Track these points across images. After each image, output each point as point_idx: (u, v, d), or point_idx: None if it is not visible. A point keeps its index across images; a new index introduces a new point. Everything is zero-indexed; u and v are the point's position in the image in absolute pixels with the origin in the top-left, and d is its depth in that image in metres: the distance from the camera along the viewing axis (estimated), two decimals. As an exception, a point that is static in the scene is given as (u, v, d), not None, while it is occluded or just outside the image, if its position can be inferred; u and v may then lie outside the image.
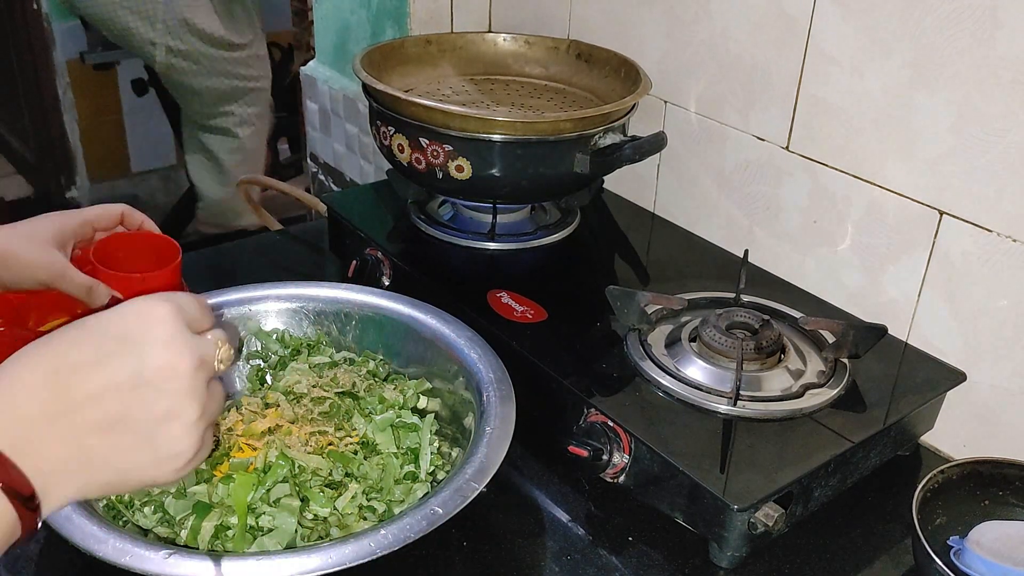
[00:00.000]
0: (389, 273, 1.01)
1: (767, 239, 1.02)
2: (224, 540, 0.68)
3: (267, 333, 0.87)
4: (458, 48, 1.18)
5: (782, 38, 0.94)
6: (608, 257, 1.08)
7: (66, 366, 0.47)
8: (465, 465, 0.69)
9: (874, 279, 0.92)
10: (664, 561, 0.74)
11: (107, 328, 0.48)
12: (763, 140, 0.99)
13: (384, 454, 0.76)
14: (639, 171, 1.14)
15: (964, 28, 0.79)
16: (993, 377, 0.84)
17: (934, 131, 0.83)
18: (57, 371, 0.47)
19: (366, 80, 0.98)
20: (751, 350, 0.81)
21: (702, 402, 0.78)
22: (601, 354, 0.85)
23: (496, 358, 0.80)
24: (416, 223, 1.06)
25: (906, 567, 0.75)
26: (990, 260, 0.82)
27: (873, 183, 0.90)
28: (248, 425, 0.78)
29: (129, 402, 0.47)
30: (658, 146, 0.95)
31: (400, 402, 0.81)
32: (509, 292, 0.92)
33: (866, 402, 0.81)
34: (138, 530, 0.70)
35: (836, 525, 0.78)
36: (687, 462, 0.71)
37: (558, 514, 0.79)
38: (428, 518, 0.64)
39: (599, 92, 1.12)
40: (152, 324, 0.49)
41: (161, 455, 0.49)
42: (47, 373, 0.47)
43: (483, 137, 0.92)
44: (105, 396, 0.47)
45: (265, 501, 0.69)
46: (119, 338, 0.48)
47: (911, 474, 0.85)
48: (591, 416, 0.78)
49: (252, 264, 1.18)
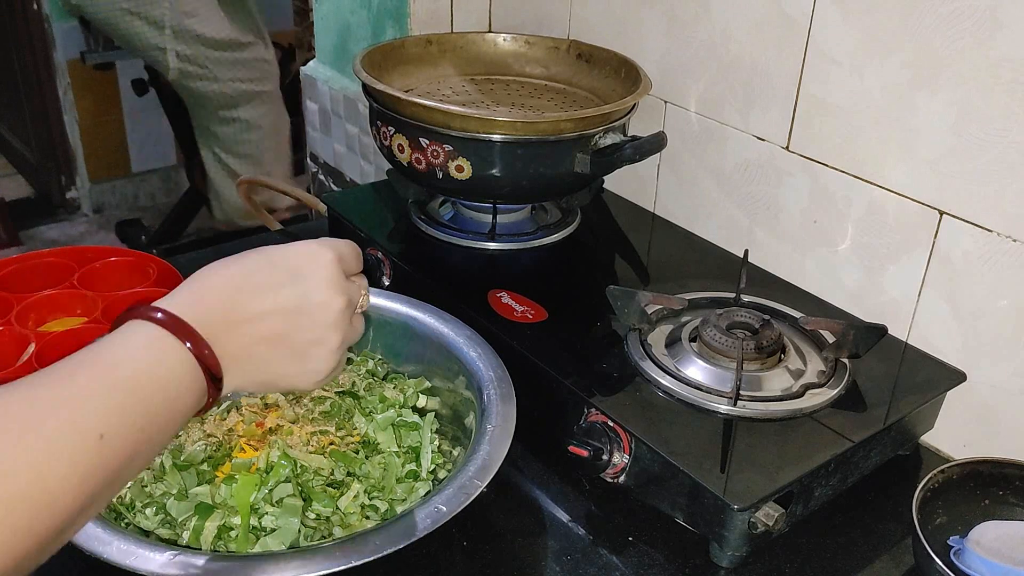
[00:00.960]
0: (389, 273, 1.01)
1: (767, 239, 1.02)
2: (227, 540, 0.68)
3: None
4: (458, 48, 1.18)
5: (782, 38, 0.94)
6: (608, 257, 1.08)
7: (248, 286, 0.56)
8: (467, 463, 0.69)
9: (874, 279, 0.92)
10: (664, 561, 0.74)
11: (283, 261, 0.58)
12: (763, 140, 0.99)
13: (385, 453, 0.76)
14: (639, 171, 1.14)
15: (964, 28, 0.79)
16: (993, 377, 0.84)
17: (934, 131, 0.84)
18: (239, 289, 0.56)
19: (366, 80, 0.98)
20: (751, 350, 0.82)
21: (702, 402, 0.78)
22: (601, 354, 0.85)
23: (496, 357, 0.80)
24: (416, 223, 1.06)
25: (906, 567, 0.75)
26: (990, 260, 0.82)
27: (873, 183, 0.90)
28: (249, 426, 0.78)
29: (291, 325, 0.58)
30: (658, 146, 0.95)
31: (401, 401, 0.81)
32: (509, 292, 0.92)
33: (866, 402, 0.81)
34: (139, 531, 0.70)
35: (836, 525, 0.78)
36: (687, 462, 0.71)
37: (558, 514, 0.79)
38: (432, 516, 0.64)
39: (599, 92, 1.12)
40: (318, 265, 0.59)
41: (307, 369, 0.60)
42: (232, 289, 0.56)
43: (483, 137, 0.93)
44: (274, 316, 0.57)
45: (268, 501, 0.70)
46: (291, 272, 0.58)
47: (911, 474, 0.85)
48: (591, 416, 0.78)
49: (252, 264, 1.18)
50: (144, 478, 0.73)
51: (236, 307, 0.56)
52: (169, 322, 0.52)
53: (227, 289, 0.56)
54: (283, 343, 0.58)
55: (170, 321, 0.52)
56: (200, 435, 0.78)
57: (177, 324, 0.52)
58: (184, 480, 0.73)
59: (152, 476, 0.74)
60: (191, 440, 0.77)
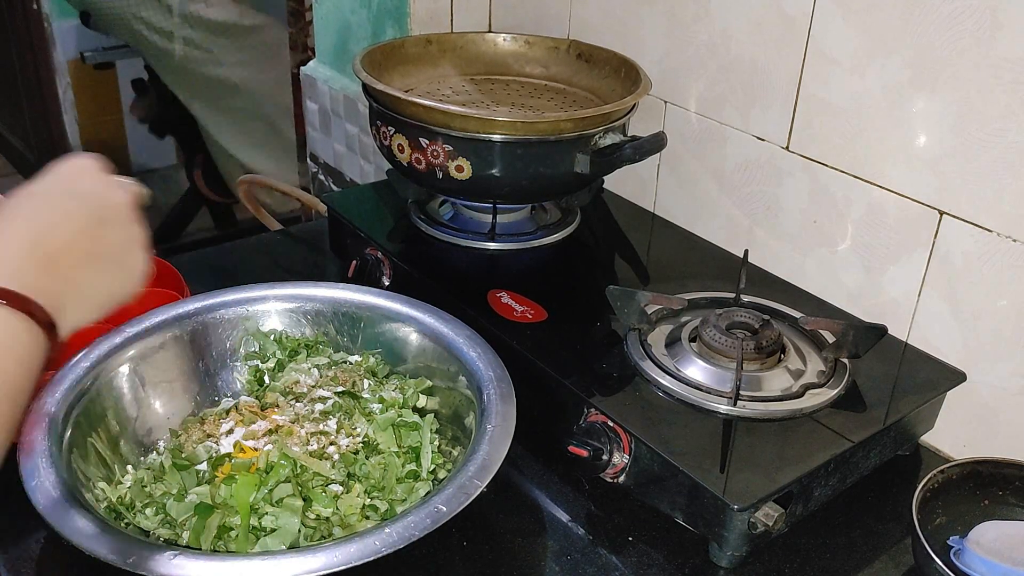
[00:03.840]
0: (389, 273, 1.01)
1: (767, 239, 1.02)
2: (227, 541, 0.68)
3: (266, 334, 0.87)
4: (458, 48, 1.18)
5: (782, 38, 0.94)
6: (608, 257, 1.08)
7: (40, 229, 0.57)
8: (467, 463, 0.69)
9: (874, 279, 0.92)
10: (664, 561, 0.74)
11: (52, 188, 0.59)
12: (763, 140, 0.99)
13: (385, 453, 0.76)
14: (639, 171, 1.14)
15: (964, 28, 0.79)
16: (993, 377, 0.84)
17: (934, 131, 0.84)
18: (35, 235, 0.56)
19: (366, 80, 0.98)
20: (751, 350, 0.82)
21: (702, 402, 0.78)
22: (601, 354, 0.85)
23: (496, 356, 0.80)
24: (416, 223, 1.06)
25: (906, 567, 0.75)
26: (990, 260, 0.82)
27: (873, 183, 0.90)
28: (249, 426, 0.78)
29: (94, 240, 0.58)
30: (658, 146, 0.95)
31: (401, 401, 0.81)
32: (509, 292, 0.92)
33: (866, 402, 0.81)
34: (139, 531, 0.70)
35: (836, 525, 0.78)
36: (687, 462, 0.71)
37: (558, 514, 0.79)
38: (432, 516, 0.64)
39: (599, 92, 1.12)
40: (85, 171, 0.61)
41: (129, 271, 0.61)
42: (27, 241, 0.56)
43: (483, 137, 0.93)
44: (78, 240, 0.58)
45: (268, 501, 0.69)
46: (67, 191, 0.59)
47: (911, 474, 0.85)
48: (591, 416, 0.78)
49: (252, 264, 1.18)
50: (144, 478, 0.73)
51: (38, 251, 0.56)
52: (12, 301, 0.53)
53: (23, 244, 0.56)
54: (98, 257, 0.59)
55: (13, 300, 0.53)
56: (200, 435, 0.78)
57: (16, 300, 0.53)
58: (184, 480, 0.73)
59: (152, 476, 0.74)
60: (191, 440, 0.77)
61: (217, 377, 0.85)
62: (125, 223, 0.61)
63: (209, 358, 0.85)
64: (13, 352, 0.53)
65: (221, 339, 0.86)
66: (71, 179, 0.61)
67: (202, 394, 0.84)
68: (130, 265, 0.61)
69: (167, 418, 0.81)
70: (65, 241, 0.57)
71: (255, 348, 0.87)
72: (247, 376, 0.86)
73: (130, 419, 0.79)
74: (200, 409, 0.83)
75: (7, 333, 0.53)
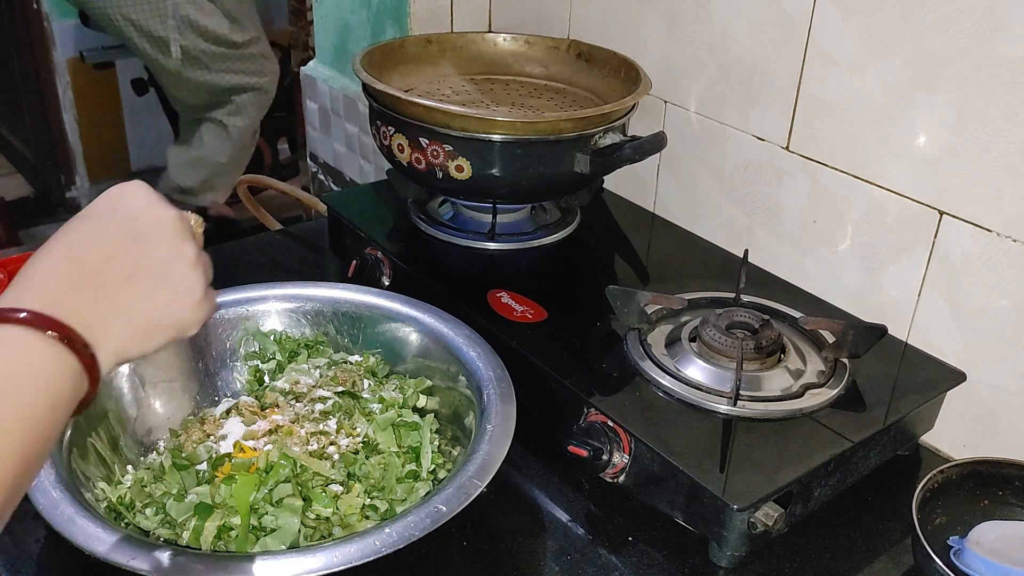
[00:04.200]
0: (389, 273, 1.01)
1: (767, 239, 1.02)
2: (227, 541, 0.68)
3: (266, 334, 0.87)
4: (458, 48, 1.18)
5: (782, 38, 0.94)
6: (608, 257, 1.08)
7: (75, 246, 0.53)
8: (467, 463, 0.69)
9: (874, 279, 0.92)
10: (664, 561, 0.74)
11: (94, 211, 0.56)
12: (763, 140, 0.99)
13: (385, 453, 0.76)
14: (639, 171, 1.14)
15: (964, 28, 0.79)
16: (993, 377, 0.84)
17: (934, 131, 0.84)
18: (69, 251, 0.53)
19: (366, 80, 0.98)
20: (751, 350, 0.82)
21: (702, 402, 0.78)
22: (601, 354, 0.85)
23: (495, 356, 0.80)
24: (416, 223, 1.06)
25: (906, 567, 0.75)
26: (990, 260, 0.82)
27: (873, 183, 0.90)
28: (249, 426, 0.78)
29: (134, 255, 0.54)
30: (658, 146, 0.95)
31: (401, 401, 0.81)
32: (509, 292, 0.92)
33: (866, 402, 0.81)
34: (139, 531, 0.70)
35: (836, 525, 0.78)
36: (687, 462, 0.71)
37: (558, 514, 0.79)
38: (432, 516, 0.64)
39: (599, 92, 1.12)
40: (130, 194, 0.56)
41: (178, 291, 0.55)
42: (61, 259, 0.52)
43: (483, 137, 0.93)
44: (114, 257, 0.53)
45: (268, 501, 0.69)
46: (109, 211, 0.55)
47: (911, 474, 0.85)
48: (591, 416, 0.78)
49: (252, 264, 1.18)
50: (144, 478, 0.73)
51: (73, 269, 0.52)
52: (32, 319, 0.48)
53: (57, 260, 0.52)
54: (139, 274, 0.54)
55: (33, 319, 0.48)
56: (200, 435, 0.78)
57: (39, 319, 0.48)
58: (184, 480, 0.73)
59: (152, 476, 0.74)
60: (191, 440, 0.77)
61: (217, 377, 0.85)
62: (169, 238, 0.55)
63: (209, 358, 0.85)
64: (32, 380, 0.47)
65: (221, 339, 0.86)
66: (114, 201, 0.56)
67: (202, 394, 0.84)
68: (181, 285, 0.55)
69: (167, 418, 0.81)
70: (102, 256, 0.52)
71: (255, 348, 0.87)
72: (247, 376, 0.86)
73: (130, 419, 0.79)
74: (200, 409, 0.83)
75: (27, 359, 0.47)
